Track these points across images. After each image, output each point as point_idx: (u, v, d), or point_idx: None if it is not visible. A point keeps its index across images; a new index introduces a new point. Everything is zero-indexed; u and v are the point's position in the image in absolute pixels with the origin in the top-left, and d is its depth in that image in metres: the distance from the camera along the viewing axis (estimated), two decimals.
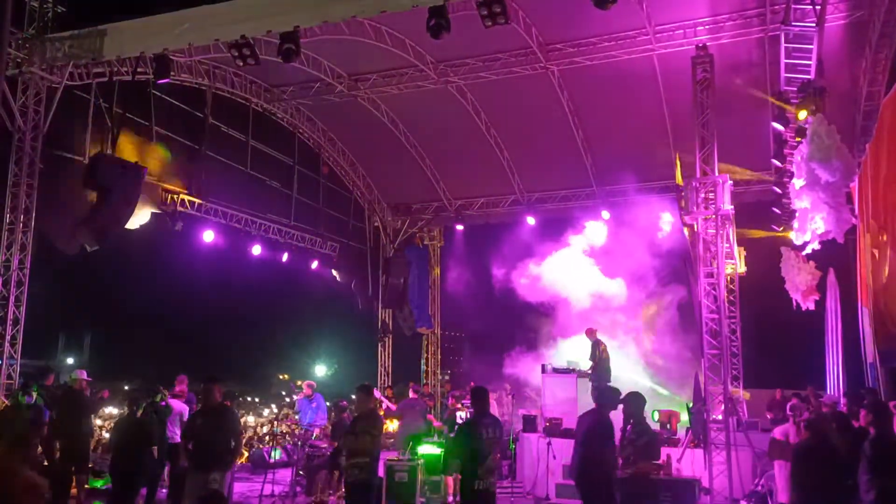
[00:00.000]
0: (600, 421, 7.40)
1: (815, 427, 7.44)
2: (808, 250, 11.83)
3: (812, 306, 15.43)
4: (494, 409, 12.21)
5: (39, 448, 9.74)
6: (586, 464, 7.28)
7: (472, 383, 13.67)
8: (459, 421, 11.74)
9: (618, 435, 7.71)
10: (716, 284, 11.56)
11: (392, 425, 14.75)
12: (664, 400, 13.34)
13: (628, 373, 13.98)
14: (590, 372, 13.91)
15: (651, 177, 17.61)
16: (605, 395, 7.88)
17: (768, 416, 13.12)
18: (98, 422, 15.13)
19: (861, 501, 6.23)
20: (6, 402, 10.93)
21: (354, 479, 7.67)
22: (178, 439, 9.41)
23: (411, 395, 13.69)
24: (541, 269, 17.51)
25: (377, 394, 13.04)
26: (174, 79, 13.31)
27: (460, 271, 20.75)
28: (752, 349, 14.34)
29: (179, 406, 10.41)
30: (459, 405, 13.07)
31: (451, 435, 11.32)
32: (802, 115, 11.09)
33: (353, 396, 10.06)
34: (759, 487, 9.44)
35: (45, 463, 9.63)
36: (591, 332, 14.21)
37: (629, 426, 7.85)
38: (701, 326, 11.49)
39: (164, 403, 9.98)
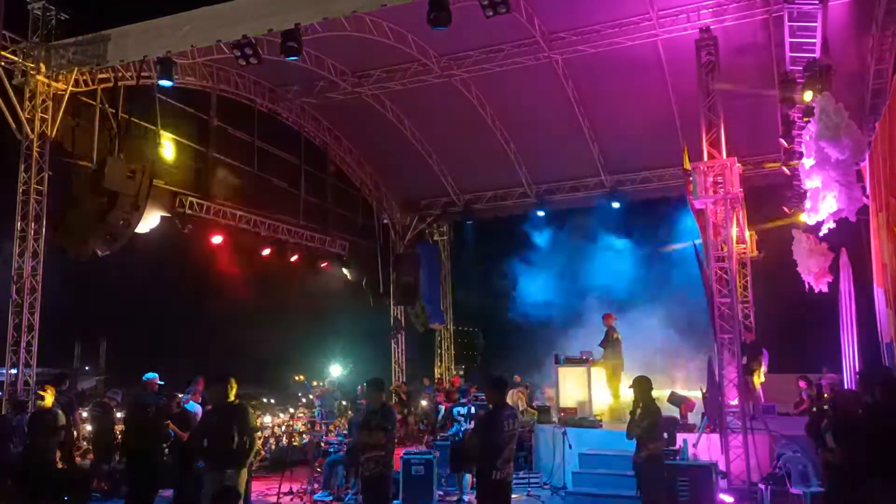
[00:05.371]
0: None
1: (844, 406, 7.42)
2: (824, 230, 11.69)
3: (825, 288, 15.28)
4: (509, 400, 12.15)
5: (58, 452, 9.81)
6: None
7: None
8: (459, 417, 11.74)
9: None
10: (727, 268, 11.49)
11: None
12: (678, 385, 13.26)
13: (641, 358, 13.88)
14: (602, 360, 13.87)
15: (659, 163, 17.55)
16: None
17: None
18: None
19: None
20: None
21: (370, 473, 7.66)
22: None
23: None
24: (551, 261, 17.49)
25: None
26: (178, 82, 13.34)
27: (471, 266, 20.73)
28: (766, 333, 14.24)
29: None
30: (467, 399, 13.07)
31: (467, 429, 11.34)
32: (808, 96, 10.98)
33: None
34: (777, 470, 9.38)
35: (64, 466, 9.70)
36: (607, 318, 14.16)
37: (637, 409, 7.90)
38: (713, 311, 11.42)
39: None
